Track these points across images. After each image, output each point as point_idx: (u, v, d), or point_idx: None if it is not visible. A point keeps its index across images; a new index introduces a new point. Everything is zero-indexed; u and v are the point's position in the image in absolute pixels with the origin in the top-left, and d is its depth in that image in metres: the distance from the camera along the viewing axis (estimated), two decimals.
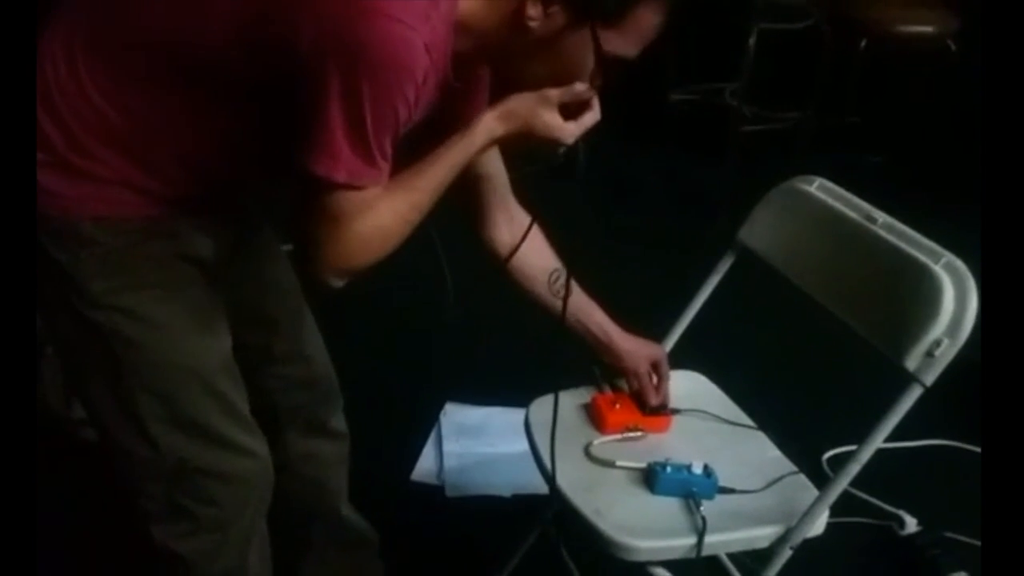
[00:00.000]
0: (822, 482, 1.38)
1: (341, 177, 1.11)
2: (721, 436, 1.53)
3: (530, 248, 1.45)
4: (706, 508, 1.33)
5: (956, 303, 1.25)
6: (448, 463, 2.12)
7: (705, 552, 1.31)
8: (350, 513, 1.69)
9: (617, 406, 1.52)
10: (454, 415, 2.26)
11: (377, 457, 1.91)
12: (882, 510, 2.01)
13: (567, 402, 1.55)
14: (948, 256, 1.29)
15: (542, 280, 1.46)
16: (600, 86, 1.22)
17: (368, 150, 1.10)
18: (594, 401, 1.54)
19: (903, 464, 1.96)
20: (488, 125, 1.21)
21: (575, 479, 1.40)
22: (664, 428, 1.52)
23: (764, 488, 1.40)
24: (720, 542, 1.34)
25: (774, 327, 2.44)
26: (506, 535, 1.76)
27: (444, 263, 1.36)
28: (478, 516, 1.98)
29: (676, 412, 1.54)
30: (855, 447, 1.31)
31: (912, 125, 3.36)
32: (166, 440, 1.28)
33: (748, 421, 1.57)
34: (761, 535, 1.34)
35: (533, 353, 1.34)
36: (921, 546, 1.94)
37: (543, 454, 1.44)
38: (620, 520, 1.32)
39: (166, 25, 1.16)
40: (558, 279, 1.46)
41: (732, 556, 1.59)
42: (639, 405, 1.52)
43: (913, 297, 1.28)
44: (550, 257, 1.47)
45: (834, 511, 1.36)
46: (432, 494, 2.06)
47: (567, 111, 1.22)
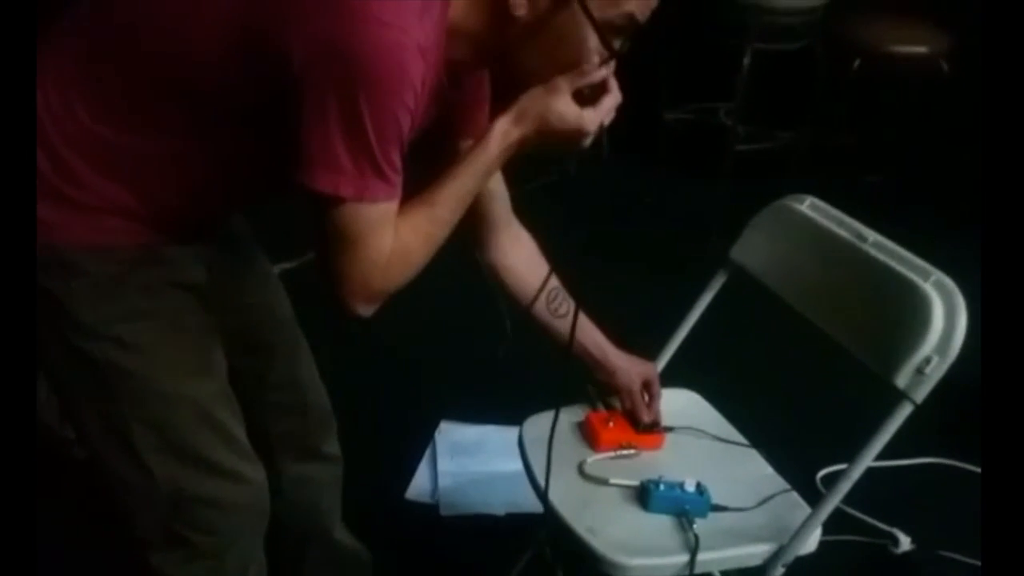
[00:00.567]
0: (816, 500, 1.39)
1: (348, 192, 1.07)
2: (714, 454, 1.53)
3: (527, 265, 1.44)
4: (699, 526, 1.34)
5: (945, 320, 1.26)
6: (443, 482, 2.12)
7: (698, 570, 1.31)
8: (343, 535, 1.69)
9: (610, 424, 1.52)
10: (449, 433, 2.26)
11: (372, 475, 1.91)
12: (876, 528, 2.01)
13: (561, 420, 1.54)
14: (937, 274, 1.31)
15: (540, 300, 1.43)
16: (612, 59, 1.15)
17: (374, 162, 1.06)
18: (587, 419, 1.54)
19: (897, 482, 1.97)
20: (502, 129, 1.16)
21: (568, 497, 1.40)
22: (657, 446, 1.52)
23: (757, 506, 1.40)
24: (713, 560, 1.34)
25: (767, 345, 2.44)
26: (500, 554, 1.76)
27: (500, 298, 1.32)
28: (473, 535, 1.98)
29: (669, 430, 1.54)
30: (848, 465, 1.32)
31: (905, 144, 3.38)
32: (162, 469, 1.26)
33: (741, 439, 1.57)
34: (754, 553, 1.35)
35: (528, 372, 1.34)
36: (916, 564, 1.95)
37: (536, 472, 1.44)
38: (613, 538, 1.33)
39: (158, 49, 1.13)
40: (556, 297, 1.44)
41: (725, 574, 1.59)
42: (632, 423, 1.53)
43: (902, 315, 1.29)
44: (545, 270, 1.43)
45: (828, 529, 1.36)
46: (427, 512, 2.05)
47: (583, 98, 1.15)
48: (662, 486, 1.38)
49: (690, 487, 1.38)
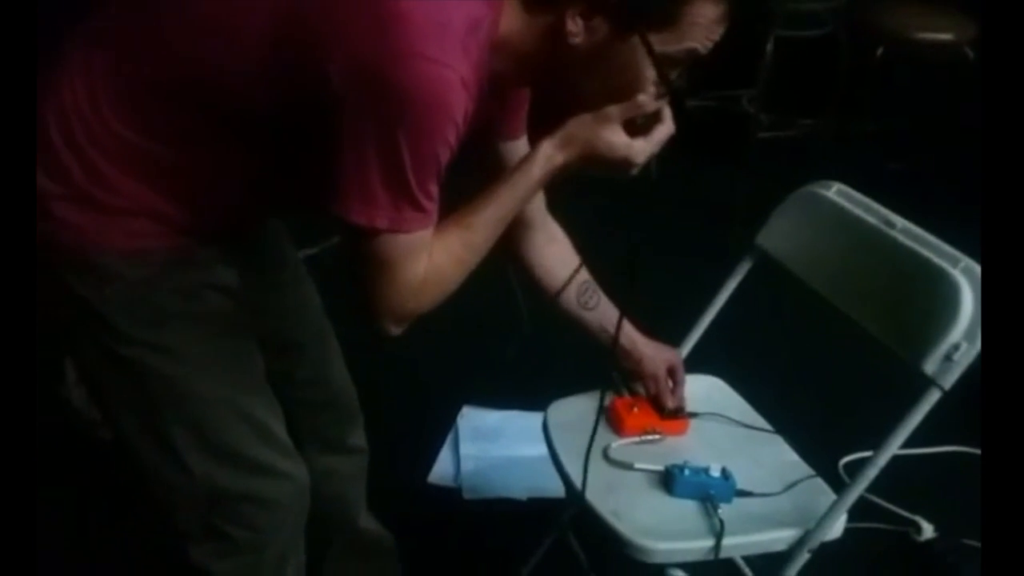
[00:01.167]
0: (838, 487, 1.39)
1: (383, 224, 1.05)
2: (738, 440, 1.53)
3: (558, 259, 1.43)
4: (724, 511, 1.34)
5: (974, 307, 1.25)
6: (465, 466, 2.13)
7: (723, 554, 1.32)
8: (368, 522, 1.69)
9: (635, 409, 1.52)
10: (471, 418, 2.27)
11: (395, 459, 1.93)
12: (899, 516, 2.01)
13: (585, 405, 1.55)
14: (966, 260, 1.30)
15: (569, 290, 1.43)
16: (670, 93, 1.13)
17: (410, 196, 1.04)
18: (612, 404, 1.54)
19: (920, 470, 1.96)
20: (546, 153, 1.13)
21: (594, 481, 1.40)
22: (682, 431, 1.53)
23: (782, 492, 1.40)
24: (738, 544, 1.35)
25: (792, 331, 2.44)
26: (523, 537, 1.77)
27: (519, 295, 1.30)
28: (495, 519, 1.99)
29: (694, 415, 1.55)
30: (872, 453, 1.32)
31: (929, 132, 3.35)
32: (202, 469, 1.26)
33: (765, 425, 1.57)
34: (779, 538, 1.35)
35: (550, 357, 1.34)
36: (938, 553, 1.94)
37: (562, 456, 1.45)
38: (638, 522, 1.33)
39: (191, 55, 1.11)
40: (587, 291, 1.43)
41: (746, 558, 1.60)
42: (657, 409, 1.53)
43: (931, 301, 1.29)
44: (577, 266, 1.44)
45: (850, 516, 1.36)
46: (449, 496, 2.06)
47: (634, 126, 1.12)
48: (687, 471, 1.38)
49: (715, 472, 1.38)
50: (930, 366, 1.26)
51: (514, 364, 2.36)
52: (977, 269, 1.28)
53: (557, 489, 1.53)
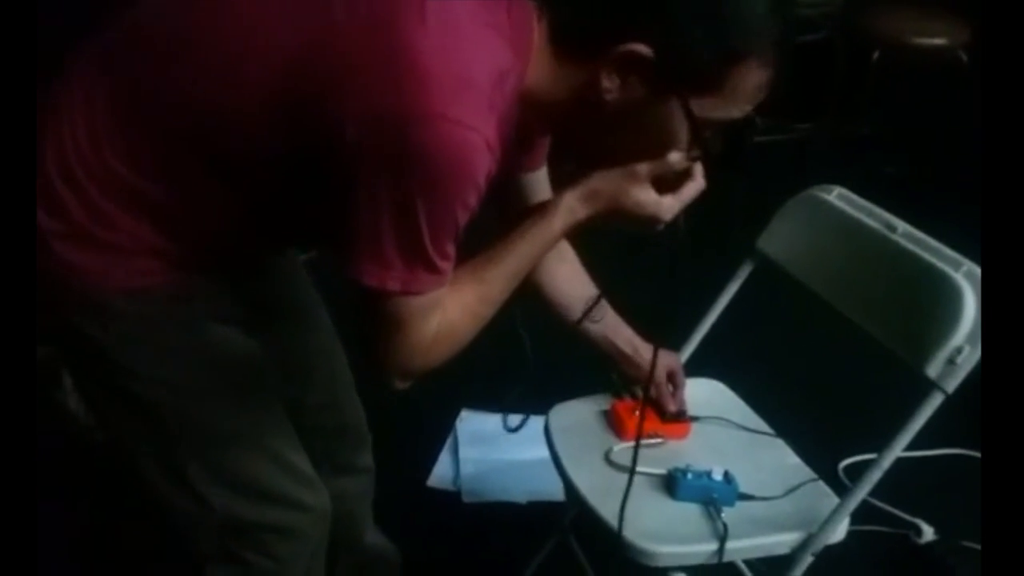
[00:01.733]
0: (838, 490, 1.39)
1: (395, 287, 1.00)
2: (740, 443, 1.53)
3: (567, 276, 1.41)
4: (727, 514, 1.34)
5: (977, 310, 1.26)
6: (464, 469, 2.13)
7: (726, 558, 1.32)
8: (374, 537, 1.68)
9: (636, 413, 1.52)
10: (469, 422, 2.27)
11: (394, 463, 1.91)
12: (899, 519, 2.01)
13: (586, 408, 1.56)
14: (968, 264, 1.30)
15: (577, 308, 1.42)
16: (704, 155, 1.09)
17: (426, 259, 0.99)
18: (613, 408, 1.54)
19: (920, 473, 1.95)
20: (568, 205, 1.09)
21: (595, 485, 1.40)
22: (683, 435, 1.53)
23: (784, 495, 1.40)
24: (741, 548, 1.35)
25: (792, 335, 2.44)
26: (523, 541, 1.77)
27: (526, 340, 1.28)
28: (495, 522, 1.99)
29: (695, 419, 1.55)
30: (872, 456, 1.32)
31: (925, 136, 3.36)
32: (220, 501, 1.24)
33: (767, 428, 1.57)
34: (782, 541, 1.35)
35: (549, 362, 1.34)
36: (939, 555, 1.94)
37: (564, 459, 1.45)
38: (641, 525, 1.33)
39: (194, 94, 1.07)
40: (593, 306, 1.41)
41: (748, 562, 1.60)
42: (658, 413, 1.53)
43: (934, 305, 1.29)
44: (587, 285, 1.42)
45: (851, 519, 1.36)
46: (449, 500, 2.06)
47: (663, 181, 1.09)
48: (690, 474, 1.38)
49: (717, 476, 1.38)
50: (933, 370, 1.27)
51: (514, 367, 2.35)
52: (979, 272, 1.28)
53: (557, 492, 1.53)
